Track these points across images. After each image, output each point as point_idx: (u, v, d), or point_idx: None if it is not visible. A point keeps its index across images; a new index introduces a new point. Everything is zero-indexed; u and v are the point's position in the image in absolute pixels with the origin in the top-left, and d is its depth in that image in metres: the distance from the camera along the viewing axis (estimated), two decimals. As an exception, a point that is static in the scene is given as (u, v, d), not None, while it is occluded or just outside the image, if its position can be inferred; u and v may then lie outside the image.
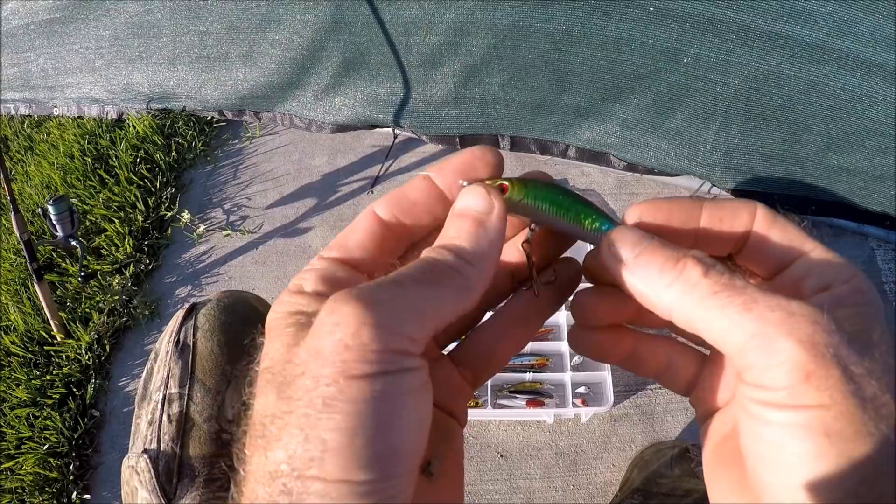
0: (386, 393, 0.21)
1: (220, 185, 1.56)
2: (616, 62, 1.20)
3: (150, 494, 0.51)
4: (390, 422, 0.21)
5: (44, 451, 1.16)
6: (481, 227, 0.25)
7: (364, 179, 1.51)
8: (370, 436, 0.20)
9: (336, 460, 0.20)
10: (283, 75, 1.47)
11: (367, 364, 0.20)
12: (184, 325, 0.58)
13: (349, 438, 0.20)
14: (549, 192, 0.27)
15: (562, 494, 1.06)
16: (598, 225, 0.28)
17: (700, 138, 1.26)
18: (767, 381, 0.21)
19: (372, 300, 0.21)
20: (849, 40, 1.03)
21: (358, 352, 0.20)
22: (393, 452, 0.21)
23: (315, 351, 0.21)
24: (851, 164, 1.19)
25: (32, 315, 1.37)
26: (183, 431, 0.53)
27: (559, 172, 1.46)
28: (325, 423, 0.20)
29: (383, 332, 0.21)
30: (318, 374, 0.20)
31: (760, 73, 1.12)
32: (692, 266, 0.23)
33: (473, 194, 0.25)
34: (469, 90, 1.36)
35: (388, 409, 0.21)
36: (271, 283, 1.36)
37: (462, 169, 0.27)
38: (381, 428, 0.20)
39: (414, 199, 0.27)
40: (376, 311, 0.21)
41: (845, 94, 1.10)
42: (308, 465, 0.20)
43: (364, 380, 0.20)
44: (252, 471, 0.22)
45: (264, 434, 0.21)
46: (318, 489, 0.20)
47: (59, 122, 1.78)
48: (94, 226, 1.48)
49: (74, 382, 1.27)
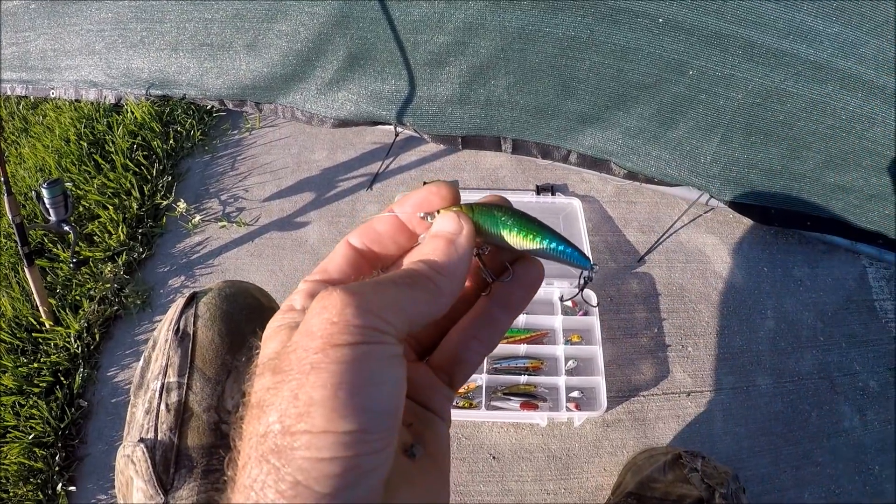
0: (364, 356, 0.24)
1: (218, 176, 1.55)
2: (622, 71, 1.21)
3: (146, 485, 0.50)
4: (369, 380, 0.24)
5: (29, 441, 1.14)
6: (451, 245, 0.29)
7: (363, 176, 1.51)
8: (351, 390, 0.23)
9: (321, 411, 0.22)
10: (287, 67, 1.46)
11: (350, 335, 0.24)
12: (184, 314, 0.57)
13: (333, 391, 0.23)
14: (495, 215, 0.31)
15: (553, 497, 1.06)
16: (539, 242, 0.31)
17: (701, 150, 1.27)
18: None
19: (355, 290, 0.25)
20: (852, 61, 1.05)
21: (342, 325, 0.24)
22: (372, 408, 0.24)
23: (305, 330, 0.25)
24: (848, 183, 1.21)
25: (21, 301, 1.34)
26: (181, 421, 0.52)
27: (559, 178, 1.46)
28: (313, 382, 0.23)
29: (363, 312, 0.24)
30: (308, 346, 0.24)
31: (764, 89, 1.14)
32: None
33: (446, 218, 0.30)
34: (474, 91, 1.36)
35: (366, 370, 0.24)
36: (266, 276, 1.35)
37: (420, 203, 0.31)
38: (360, 384, 0.23)
39: (381, 230, 0.32)
40: (358, 297, 0.25)
41: (846, 113, 1.11)
42: (297, 420, 0.23)
43: (347, 346, 0.24)
44: (246, 438, 0.25)
45: (259, 404, 0.24)
46: (305, 441, 0.22)
47: (56, 104, 1.75)
48: (88, 212, 1.46)
49: (62, 371, 1.24)
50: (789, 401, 1.17)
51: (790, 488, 1.08)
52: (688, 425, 1.14)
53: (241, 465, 0.24)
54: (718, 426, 1.14)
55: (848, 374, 1.20)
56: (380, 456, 0.24)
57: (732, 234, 1.37)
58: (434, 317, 0.28)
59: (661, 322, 1.25)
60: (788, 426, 1.14)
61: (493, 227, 0.31)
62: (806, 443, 1.13)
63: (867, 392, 1.18)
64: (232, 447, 0.27)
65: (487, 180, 1.47)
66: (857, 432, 1.14)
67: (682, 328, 1.25)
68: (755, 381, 1.19)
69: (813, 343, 1.23)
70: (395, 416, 0.25)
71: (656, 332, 1.24)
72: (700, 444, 1.11)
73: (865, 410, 1.16)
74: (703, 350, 1.22)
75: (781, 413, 1.15)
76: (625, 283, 1.30)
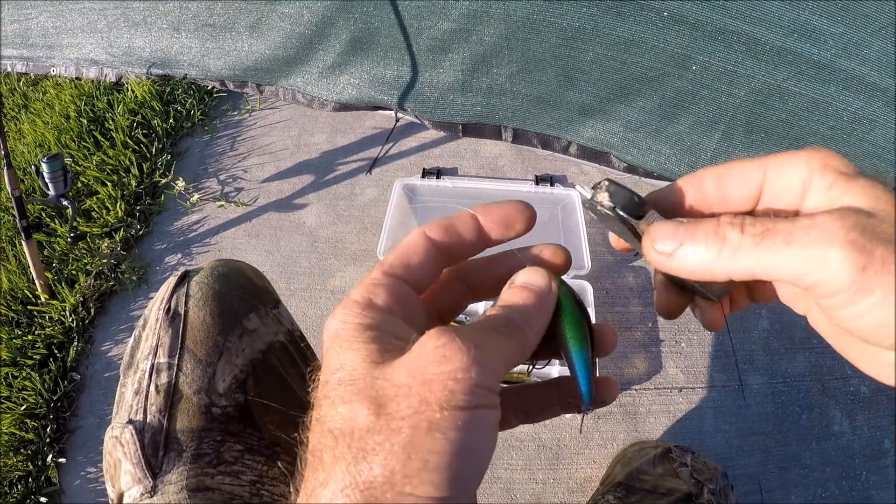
0: (480, 423, 0.23)
1: (217, 156, 1.54)
2: (625, 63, 1.21)
3: (134, 468, 0.49)
4: (479, 449, 0.24)
5: (21, 412, 1.14)
6: (541, 300, 0.29)
7: (363, 160, 1.50)
8: (467, 463, 0.23)
9: (434, 479, 0.22)
10: (290, 49, 1.45)
11: (472, 396, 0.23)
12: (175, 293, 0.56)
13: (449, 460, 0.22)
14: (565, 300, 0.31)
15: (542, 487, 1.06)
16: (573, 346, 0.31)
17: (701, 146, 1.27)
18: (835, 289, 0.23)
19: (473, 343, 0.24)
20: (856, 62, 1.04)
21: (465, 384, 0.23)
22: (473, 476, 0.23)
23: (422, 378, 0.23)
24: None
25: (17, 274, 1.34)
26: (171, 403, 0.51)
27: (559, 168, 1.46)
28: (431, 446, 0.22)
29: (485, 371, 0.24)
30: (426, 398, 0.23)
31: (766, 87, 1.13)
32: (729, 230, 0.26)
33: (539, 275, 0.30)
34: (476, 79, 1.35)
35: (480, 439, 0.23)
36: (263, 256, 1.35)
37: (505, 217, 0.32)
38: (474, 453, 0.23)
39: (461, 229, 0.32)
40: (479, 353, 0.24)
41: (847, 115, 1.11)
42: (405, 482, 0.22)
43: (467, 411, 0.23)
44: (333, 478, 0.23)
45: (362, 447, 0.23)
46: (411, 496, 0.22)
47: (56, 81, 1.75)
48: (87, 188, 1.46)
49: (56, 344, 1.24)
50: (780, 402, 1.17)
51: (777, 489, 1.08)
52: (678, 421, 1.14)
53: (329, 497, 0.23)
54: (709, 423, 1.14)
55: (840, 377, 1.20)
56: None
57: (731, 231, 1.37)
58: (517, 364, 0.28)
59: (655, 317, 1.25)
60: (778, 427, 1.14)
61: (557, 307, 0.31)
62: (795, 445, 1.13)
63: (858, 397, 1.18)
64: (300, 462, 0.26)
65: (487, 168, 1.47)
66: (847, 437, 1.14)
67: (677, 324, 1.25)
68: (747, 379, 1.19)
69: (806, 345, 1.23)
70: (484, 474, 0.25)
71: (650, 326, 1.24)
72: (690, 440, 1.11)
73: (855, 416, 1.16)
74: (696, 347, 1.22)
75: (772, 413, 1.15)
76: (621, 277, 1.30)
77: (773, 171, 0.28)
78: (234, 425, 0.52)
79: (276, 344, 0.58)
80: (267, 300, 0.60)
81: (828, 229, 0.23)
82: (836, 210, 0.24)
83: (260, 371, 0.55)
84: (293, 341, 0.61)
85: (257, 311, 0.58)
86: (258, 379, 0.55)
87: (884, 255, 0.22)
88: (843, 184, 0.26)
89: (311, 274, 1.32)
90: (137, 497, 0.49)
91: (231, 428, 0.52)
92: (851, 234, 0.23)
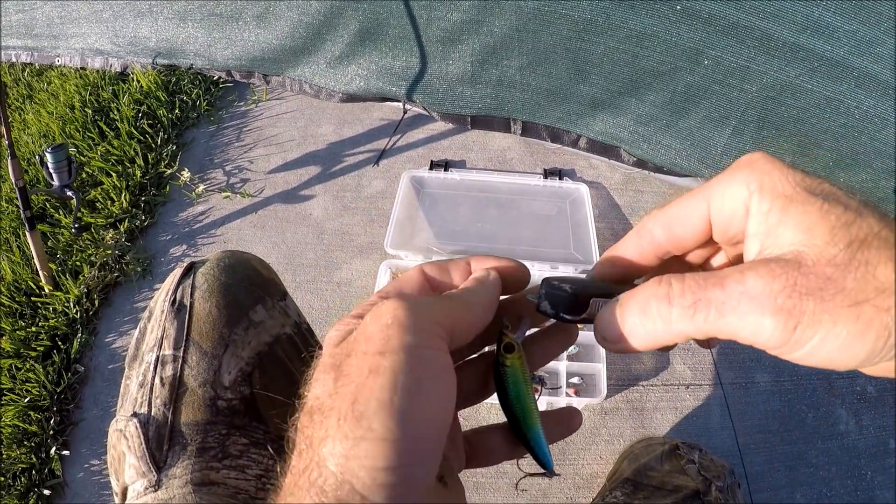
0: (421, 362, 0.24)
1: (223, 147, 1.53)
2: (637, 56, 1.19)
3: (138, 461, 0.49)
4: (424, 388, 0.24)
5: (24, 404, 1.14)
6: (479, 281, 0.32)
7: (370, 152, 1.49)
8: (409, 398, 0.23)
9: (380, 418, 0.23)
10: (297, 39, 1.44)
11: (407, 337, 0.24)
12: (181, 284, 0.55)
13: (390, 395, 0.23)
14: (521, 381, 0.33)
15: (548, 483, 1.06)
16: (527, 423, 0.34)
17: (712, 141, 1.26)
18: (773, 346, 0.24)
19: (410, 301, 0.26)
20: (868, 60, 1.03)
21: (400, 329, 0.25)
22: (426, 417, 0.24)
23: (362, 332, 0.26)
24: (857, 184, 1.19)
25: (21, 265, 1.34)
26: (176, 396, 0.50)
27: (568, 162, 1.45)
28: (372, 386, 0.23)
29: (420, 316, 0.25)
30: (367, 350, 0.25)
31: (778, 83, 1.12)
32: (656, 306, 0.26)
33: (482, 271, 0.33)
34: (486, 70, 1.34)
35: (425, 377, 0.24)
36: (269, 248, 1.34)
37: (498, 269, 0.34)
38: (417, 391, 0.24)
39: (453, 272, 0.34)
40: (414, 304, 0.26)
41: (859, 113, 1.10)
42: (355, 426, 0.23)
43: (404, 350, 0.24)
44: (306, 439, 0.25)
45: (321, 409, 0.25)
46: (364, 449, 0.23)
47: (61, 71, 1.74)
48: (91, 178, 1.45)
49: (60, 336, 1.24)
50: (787, 400, 1.16)
51: (783, 487, 1.08)
52: (685, 417, 1.13)
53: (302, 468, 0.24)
54: (716, 420, 1.13)
55: (846, 377, 1.19)
56: (429, 468, 0.24)
57: (739, 228, 1.36)
58: (470, 331, 0.29)
59: (662, 313, 1.24)
60: (785, 425, 1.14)
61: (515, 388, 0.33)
62: (801, 443, 1.12)
63: (864, 397, 1.17)
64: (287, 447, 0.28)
65: (495, 161, 1.46)
66: (853, 436, 1.13)
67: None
68: (754, 377, 1.18)
69: (814, 342, 1.23)
70: (443, 426, 0.25)
71: (658, 323, 1.23)
72: (696, 437, 1.11)
73: (861, 415, 1.15)
74: (703, 343, 1.21)
75: (778, 412, 1.15)
76: (628, 273, 1.29)
77: (717, 201, 0.28)
78: (239, 419, 0.52)
79: (282, 336, 0.57)
80: (274, 292, 0.60)
81: (758, 298, 0.24)
82: (765, 269, 0.24)
83: (266, 364, 0.55)
84: (300, 334, 0.60)
85: (264, 303, 0.57)
86: (264, 372, 0.54)
87: (814, 308, 0.23)
88: (779, 211, 0.25)
89: (317, 266, 1.31)
90: (142, 491, 0.48)
91: (236, 421, 0.51)
92: (780, 299, 0.23)
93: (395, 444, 0.23)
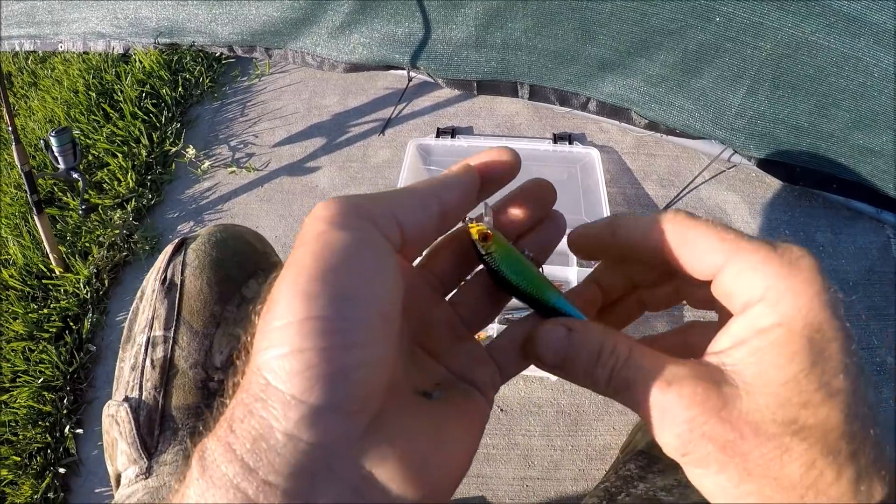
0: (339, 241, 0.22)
1: (227, 122, 1.52)
2: (646, 15, 1.14)
3: (129, 448, 0.48)
4: (339, 264, 0.22)
5: (38, 385, 1.14)
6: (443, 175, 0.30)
7: (375, 121, 1.46)
8: (316, 274, 0.21)
9: (284, 300, 0.20)
10: (298, 10, 1.41)
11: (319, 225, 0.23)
12: (172, 262, 0.53)
13: (294, 277, 0.21)
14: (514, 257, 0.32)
15: (560, 454, 1.02)
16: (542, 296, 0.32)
17: (726, 102, 1.20)
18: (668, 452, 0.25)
19: (344, 196, 0.24)
20: (888, 15, 0.97)
21: (322, 217, 0.23)
22: (344, 294, 0.21)
23: (299, 238, 0.23)
24: (877, 146, 1.13)
25: (31, 248, 1.33)
26: (167, 379, 0.49)
27: (578, 126, 1.40)
28: (283, 275, 0.21)
29: (340, 204, 0.24)
30: (295, 245, 0.23)
31: (794, 41, 1.06)
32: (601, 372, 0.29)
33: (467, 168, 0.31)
34: (490, 34, 1.30)
35: (337, 253, 0.22)
36: (276, 220, 1.32)
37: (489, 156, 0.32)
38: (327, 268, 0.21)
39: None
40: (342, 197, 0.24)
41: (878, 71, 1.03)
42: (267, 320, 0.21)
43: (322, 234, 0.22)
44: None
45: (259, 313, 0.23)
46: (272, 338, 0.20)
47: (64, 57, 1.73)
48: (97, 160, 1.44)
49: (72, 317, 1.23)
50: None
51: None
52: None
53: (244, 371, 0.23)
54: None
55: (865, 347, 1.13)
56: (363, 352, 0.21)
57: (754, 193, 1.31)
58: (421, 220, 0.27)
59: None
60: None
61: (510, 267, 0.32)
62: (820, 413, 1.07)
63: (884, 368, 1.11)
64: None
65: (503, 127, 1.41)
66: (872, 410, 1.08)
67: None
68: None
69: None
70: (379, 308, 0.22)
71: (676, 284, 1.19)
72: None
73: (881, 387, 1.09)
74: (722, 306, 1.16)
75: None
76: (645, 233, 1.25)
77: None
78: None
79: None
80: (267, 266, 0.57)
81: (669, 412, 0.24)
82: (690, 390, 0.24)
83: None
84: None
85: (256, 277, 0.55)
86: None
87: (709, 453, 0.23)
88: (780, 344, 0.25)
89: (325, 238, 1.28)
90: (133, 478, 0.47)
91: None
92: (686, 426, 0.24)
93: (303, 323, 0.20)
